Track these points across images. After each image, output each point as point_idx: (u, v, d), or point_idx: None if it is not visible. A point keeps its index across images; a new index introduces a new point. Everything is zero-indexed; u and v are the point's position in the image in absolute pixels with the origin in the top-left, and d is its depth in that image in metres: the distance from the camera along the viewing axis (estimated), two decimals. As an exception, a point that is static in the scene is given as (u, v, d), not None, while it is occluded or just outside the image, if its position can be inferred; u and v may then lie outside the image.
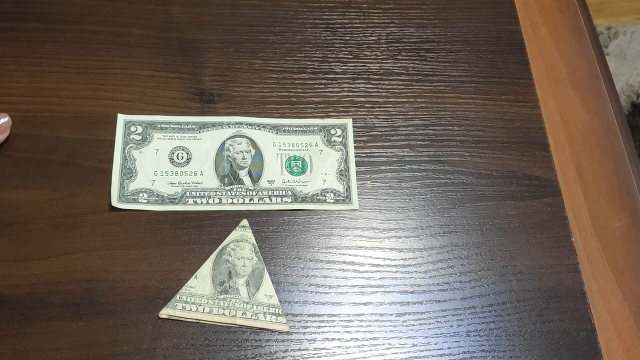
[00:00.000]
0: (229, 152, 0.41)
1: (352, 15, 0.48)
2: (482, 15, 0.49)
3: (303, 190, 0.40)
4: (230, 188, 0.40)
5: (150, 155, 0.40)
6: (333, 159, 0.42)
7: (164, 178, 0.40)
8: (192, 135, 0.41)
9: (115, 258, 0.37)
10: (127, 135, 0.41)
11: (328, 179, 0.41)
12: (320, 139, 0.42)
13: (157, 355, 0.35)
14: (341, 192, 0.41)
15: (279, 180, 0.41)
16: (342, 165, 0.42)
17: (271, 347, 0.36)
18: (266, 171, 0.41)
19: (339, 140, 0.42)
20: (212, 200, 0.39)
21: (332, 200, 0.40)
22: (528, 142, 0.44)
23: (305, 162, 0.41)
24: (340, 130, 0.43)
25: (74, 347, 0.35)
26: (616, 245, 0.42)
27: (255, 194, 0.40)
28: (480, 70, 0.47)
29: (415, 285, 0.38)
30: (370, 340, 0.37)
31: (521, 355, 0.37)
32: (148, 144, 0.41)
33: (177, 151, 0.41)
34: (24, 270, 0.36)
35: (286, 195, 0.40)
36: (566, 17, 0.52)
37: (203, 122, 0.42)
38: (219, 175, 0.40)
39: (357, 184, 0.41)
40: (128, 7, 0.46)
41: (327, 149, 0.42)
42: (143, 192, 0.39)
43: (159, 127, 0.41)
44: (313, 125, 0.43)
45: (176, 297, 0.36)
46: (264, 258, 0.38)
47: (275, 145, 0.42)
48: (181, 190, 0.40)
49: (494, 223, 0.41)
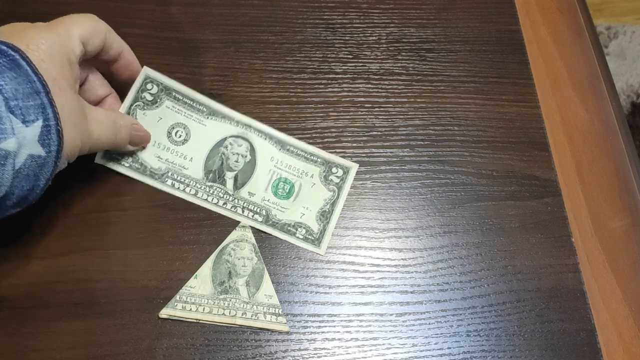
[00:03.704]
0: (225, 149, 0.40)
1: (352, 15, 0.48)
2: (482, 15, 0.49)
3: (277, 215, 0.39)
4: (211, 185, 0.39)
5: (152, 122, 0.40)
6: (321, 197, 0.40)
7: (154, 149, 0.39)
8: (199, 118, 0.41)
9: (115, 258, 0.37)
10: (140, 92, 0.40)
11: (307, 214, 0.40)
12: (318, 173, 0.41)
13: (156, 355, 0.35)
14: (314, 232, 0.39)
15: (260, 196, 0.40)
16: (326, 207, 0.40)
17: (271, 347, 0.36)
18: (252, 182, 0.40)
19: (336, 180, 0.41)
20: (189, 189, 0.39)
21: (301, 236, 0.39)
22: (528, 142, 0.44)
23: (293, 188, 0.40)
24: (342, 171, 0.41)
25: (73, 347, 0.35)
26: (616, 245, 0.42)
27: (231, 200, 0.39)
28: (480, 70, 0.47)
29: (415, 285, 0.38)
30: (370, 340, 0.37)
31: (521, 355, 0.37)
32: (155, 108, 0.40)
33: (177, 128, 0.40)
34: (24, 270, 0.36)
35: (259, 214, 0.39)
36: (566, 17, 0.52)
37: (215, 109, 0.41)
38: (207, 168, 0.40)
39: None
40: (128, 7, 0.46)
41: (320, 185, 0.40)
42: (128, 156, 0.39)
43: (173, 95, 0.40)
44: (318, 156, 0.41)
45: (176, 297, 0.36)
46: (264, 258, 0.38)
47: (272, 161, 0.41)
48: (165, 168, 0.39)
49: (494, 223, 0.41)
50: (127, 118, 0.38)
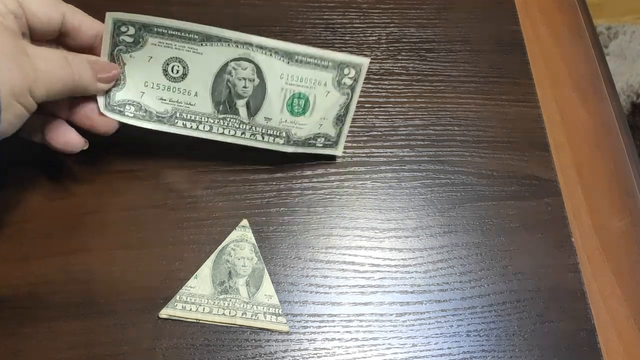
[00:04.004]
0: (230, 76, 0.37)
1: (352, 15, 0.48)
2: (482, 15, 0.49)
3: (297, 133, 0.39)
4: (224, 117, 0.37)
5: (142, 63, 0.36)
6: (336, 103, 0.39)
7: (154, 92, 0.37)
8: (193, 47, 0.36)
9: (115, 258, 0.37)
10: (116, 36, 0.35)
11: (324, 123, 0.39)
12: (331, 79, 0.38)
13: (157, 355, 0.35)
14: (332, 137, 0.40)
15: (277, 119, 0.38)
16: (342, 110, 0.39)
17: (271, 347, 0.36)
18: (266, 106, 0.38)
19: (349, 82, 0.38)
20: (202, 126, 0.37)
21: (320, 145, 0.40)
22: (528, 142, 0.44)
23: (309, 102, 0.38)
24: (354, 71, 0.38)
25: (73, 347, 0.35)
26: (616, 245, 0.42)
27: (249, 129, 0.38)
28: (480, 70, 0.47)
29: (415, 285, 0.38)
30: (370, 340, 0.37)
31: (521, 355, 0.37)
32: (140, 48, 0.36)
33: (172, 63, 0.36)
34: (24, 270, 0.36)
35: (279, 136, 0.38)
36: (566, 17, 0.52)
37: (207, 33, 0.36)
38: (215, 100, 0.37)
39: (349, 131, 0.40)
40: (128, 8, 0.46)
41: (333, 92, 0.38)
42: (130, 105, 0.36)
43: (155, 30, 0.36)
44: (328, 60, 0.38)
45: (176, 297, 0.36)
46: (264, 258, 0.38)
47: (283, 79, 0.37)
48: (171, 109, 0.37)
49: (494, 223, 0.41)
50: (80, 55, 0.34)
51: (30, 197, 0.38)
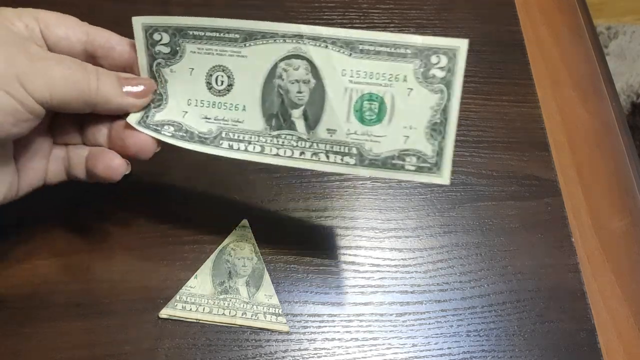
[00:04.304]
0: (281, 80, 0.30)
1: (352, 15, 0.48)
2: (482, 16, 0.49)
3: (373, 149, 0.30)
4: (278, 134, 0.31)
5: (184, 77, 0.31)
6: (426, 105, 0.29)
7: (198, 110, 0.31)
8: (235, 50, 0.31)
9: (115, 258, 0.37)
10: (151, 47, 0.31)
11: (412, 135, 0.29)
12: (413, 71, 0.29)
13: (158, 355, 0.35)
14: (428, 156, 0.30)
15: (343, 129, 0.30)
16: (437, 116, 0.29)
17: (271, 347, 0.36)
18: (327, 114, 0.30)
19: (441, 75, 0.29)
20: (252, 147, 0.31)
21: (412, 167, 0.30)
22: (528, 142, 0.44)
23: (384, 105, 0.30)
24: (446, 58, 0.29)
25: (74, 347, 0.35)
26: (616, 245, 0.42)
27: (309, 147, 0.30)
28: (480, 71, 0.47)
29: (415, 285, 0.38)
30: (370, 340, 0.37)
31: (521, 355, 0.37)
32: (180, 59, 0.31)
33: (216, 72, 0.31)
34: (24, 270, 0.36)
35: (349, 154, 0.30)
36: (566, 17, 0.52)
37: (250, 30, 0.30)
38: (266, 113, 0.31)
39: (454, 136, 0.30)
40: (128, 8, 0.46)
41: (419, 88, 0.29)
42: (169, 125, 0.31)
43: (192, 35, 0.31)
44: (407, 46, 0.29)
45: (176, 297, 0.36)
46: (264, 258, 0.38)
47: (345, 75, 0.30)
48: (216, 128, 0.31)
49: (494, 223, 0.41)
50: (107, 70, 0.31)
51: (30, 197, 0.38)
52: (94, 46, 0.31)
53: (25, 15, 0.30)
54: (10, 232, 0.37)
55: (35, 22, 0.30)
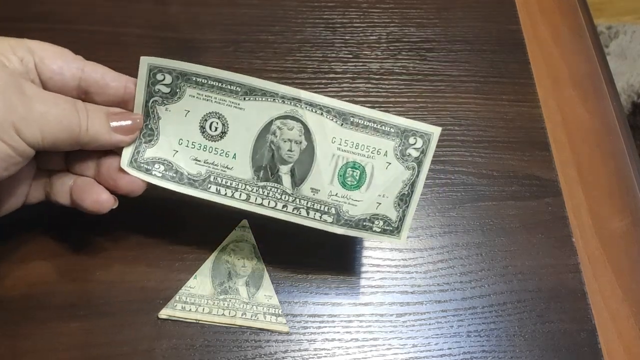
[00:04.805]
0: (274, 136, 0.33)
1: (352, 14, 0.48)
2: (482, 15, 0.49)
3: (350, 211, 0.33)
4: (264, 185, 0.33)
5: (178, 117, 0.33)
6: (399, 179, 0.33)
7: (188, 151, 0.33)
8: (234, 101, 0.32)
9: (113, 258, 0.37)
10: (151, 85, 0.32)
11: (384, 202, 0.33)
12: (393, 148, 0.33)
13: (156, 356, 0.35)
14: (392, 221, 0.34)
15: (326, 191, 0.33)
16: (406, 189, 0.33)
17: (271, 348, 0.36)
18: (313, 175, 0.33)
19: (415, 155, 0.33)
20: (238, 194, 0.33)
21: (378, 230, 0.34)
22: (529, 142, 0.44)
23: (365, 174, 0.33)
24: (421, 141, 0.33)
25: (71, 348, 0.34)
26: (617, 245, 0.42)
27: (292, 201, 0.33)
28: (480, 70, 0.47)
29: (415, 285, 0.38)
30: (370, 340, 0.36)
31: (522, 355, 0.37)
32: (178, 100, 0.32)
33: (211, 119, 0.33)
34: (21, 270, 0.36)
35: (328, 213, 0.33)
36: (566, 17, 0.52)
37: (251, 86, 0.32)
38: (255, 164, 0.33)
39: (415, 206, 0.34)
40: (127, 7, 0.46)
41: (396, 164, 0.33)
42: (160, 163, 0.33)
43: (194, 80, 0.32)
44: (392, 125, 0.33)
45: (175, 297, 0.36)
46: (263, 258, 0.38)
47: (335, 142, 0.33)
48: (205, 171, 0.33)
49: (494, 223, 0.41)
50: (97, 106, 0.32)
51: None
52: (88, 82, 0.31)
53: (20, 48, 0.30)
54: (7, 232, 0.37)
55: (30, 55, 0.30)
